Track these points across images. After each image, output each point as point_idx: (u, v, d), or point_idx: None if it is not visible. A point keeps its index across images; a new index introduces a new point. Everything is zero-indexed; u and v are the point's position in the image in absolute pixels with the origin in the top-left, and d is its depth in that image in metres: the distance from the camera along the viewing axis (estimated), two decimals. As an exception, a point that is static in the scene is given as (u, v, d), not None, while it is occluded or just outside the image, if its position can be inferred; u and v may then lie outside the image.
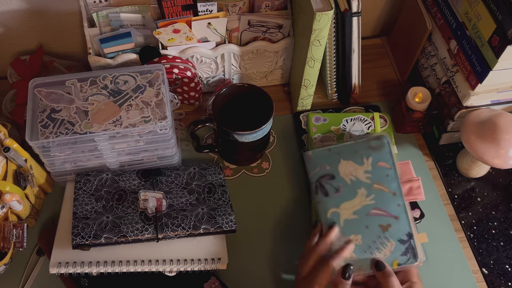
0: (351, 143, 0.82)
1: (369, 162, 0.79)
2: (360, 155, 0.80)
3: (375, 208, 0.75)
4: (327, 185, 0.79)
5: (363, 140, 0.82)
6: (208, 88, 1.01)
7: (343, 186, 0.78)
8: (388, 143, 0.80)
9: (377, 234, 0.74)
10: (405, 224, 0.74)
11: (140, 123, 0.77)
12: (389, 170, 0.78)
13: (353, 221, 0.75)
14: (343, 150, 0.81)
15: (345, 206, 0.76)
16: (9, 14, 0.93)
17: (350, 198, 0.77)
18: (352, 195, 0.77)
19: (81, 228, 0.74)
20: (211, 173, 0.87)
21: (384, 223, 0.74)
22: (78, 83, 0.81)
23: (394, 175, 0.77)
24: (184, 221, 0.77)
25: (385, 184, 0.77)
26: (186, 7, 0.85)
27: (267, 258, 0.83)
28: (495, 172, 0.94)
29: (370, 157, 0.79)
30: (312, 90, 0.93)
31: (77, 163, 0.82)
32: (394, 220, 0.74)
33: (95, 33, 0.89)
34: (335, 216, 0.76)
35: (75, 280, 0.76)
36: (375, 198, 0.76)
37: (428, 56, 0.98)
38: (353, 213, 0.76)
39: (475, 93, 0.85)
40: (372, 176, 0.78)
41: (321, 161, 0.81)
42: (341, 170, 0.79)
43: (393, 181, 0.77)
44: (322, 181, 0.79)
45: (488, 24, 0.78)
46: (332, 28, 0.88)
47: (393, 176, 0.77)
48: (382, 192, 0.76)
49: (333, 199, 0.78)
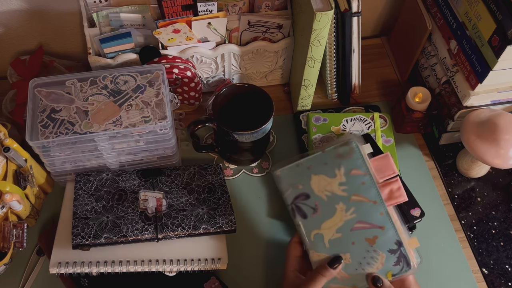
0: (319, 154, 0.75)
1: (341, 172, 0.73)
2: (330, 167, 0.74)
3: (358, 222, 0.70)
4: (303, 206, 0.73)
5: (330, 148, 0.75)
6: (208, 88, 1.01)
7: (320, 204, 0.73)
8: (357, 146, 0.74)
9: (365, 249, 0.69)
10: (392, 233, 0.70)
11: (140, 123, 0.77)
12: (364, 177, 0.72)
13: (338, 240, 0.70)
14: (312, 163, 0.75)
15: (326, 226, 0.71)
16: (9, 14, 0.93)
17: (329, 216, 0.72)
18: (331, 212, 0.72)
19: (81, 228, 0.74)
20: (211, 173, 0.87)
21: (370, 235, 0.70)
22: (78, 83, 0.81)
23: (370, 181, 0.72)
24: (184, 221, 0.77)
25: (362, 193, 0.71)
26: (186, 7, 0.85)
27: (267, 258, 0.83)
28: (495, 172, 0.94)
29: (341, 166, 0.73)
30: (312, 90, 0.93)
31: (77, 163, 0.82)
32: (379, 231, 0.70)
33: (95, 33, 0.89)
34: (319, 238, 0.71)
35: (75, 280, 0.76)
36: (355, 211, 0.71)
37: (428, 56, 0.98)
38: (336, 231, 0.71)
39: (475, 93, 0.85)
40: (348, 188, 0.72)
41: (292, 180, 0.75)
42: (315, 187, 0.73)
43: (371, 188, 0.72)
44: (297, 203, 0.74)
45: (488, 24, 0.78)
46: (332, 28, 0.88)
47: (369, 183, 0.72)
48: (362, 203, 0.71)
49: (312, 220, 0.72)
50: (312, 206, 0.73)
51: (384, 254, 0.69)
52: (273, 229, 0.86)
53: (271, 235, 0.86)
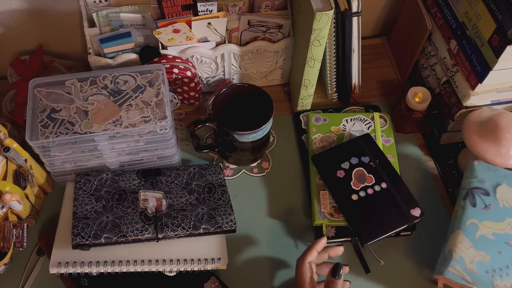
0: None
1: None
2: None
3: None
4: (478, 198, 0.79)
5: None
6: (208, 88, 1.01)
7: (494, 206, 0.78)
8: None
9: (506, 264, 0.73)
10: None
11: (140, 123, 0.77)
12: None
13: (488, 240, 0.75)
14: (510, 175, 0.80)
15: (487, 224, 0.76)
16: (9, 14, 0.93)
17: (496, 220, 0.77)
18: (500, 218, 0.77)
19: (81, 228, 0.74)
20: (211, 173, 0.87)
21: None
22: (78, 83, 0.81)
23: None
24: (184, 221, 0.77)
25: None
26: (186, 7, 0.85)
27: (267, 258, 0.83)
28: (495, 172, 0.94)
29: None
30: (312, 90, 0.93)
31: (77, 163, 0.82)
32: None
33: (95, 33, 0.89)
34: (473, 227, 0.76)
35: (75, 280, 0.76)
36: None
37: (428, 56, 0.98)
38: (492, 234, 0.76)
39: (475, 93, 0.85)
40: None
41: (483, 175, 0.81)
42: (499, 192, 0.79)
43: None
44: (475, 192, 0.79)
45: (488, 24, 0.78)
46: (332, 28, 0.88)
47: None
48: None
49: (478, 212, 0.77)
50: (486, 203, 0.78)
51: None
52: (273, 229, 0.86)
53: (271, 235, 0.86)
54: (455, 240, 0.76)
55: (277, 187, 0.91)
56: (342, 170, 0.86)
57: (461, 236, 0.76)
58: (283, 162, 0.94)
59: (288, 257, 0.83)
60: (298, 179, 0.92)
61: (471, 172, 0.82)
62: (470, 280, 0.73)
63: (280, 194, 0.90)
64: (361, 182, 0.85)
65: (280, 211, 0.88)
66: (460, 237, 0.76)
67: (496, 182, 0.80)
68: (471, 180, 0.81)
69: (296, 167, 0.93)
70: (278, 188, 0.91)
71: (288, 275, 0.82)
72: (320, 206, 0.84)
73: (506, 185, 0.79)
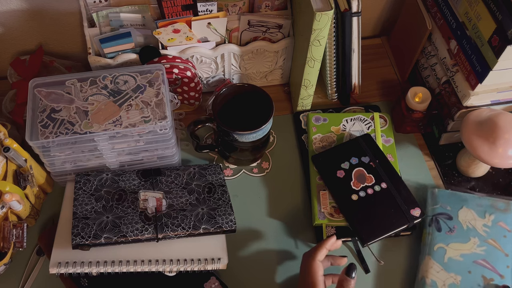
0: (476, 197, 0.85)
1: (490, 218, 0.82)
2: (483, 209, 0.83)
3: (483, 260, 0.78)
4: (442, 222, 0.82)
5: (490, 198, 0.84)
6: (208, 88, 1.01)
7: (458, 229, 0.81)
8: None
9: (477, 283, 0.76)
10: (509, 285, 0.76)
11: (140, 123, 0.77)
12: (508, 233, 0.80)
13: (457, 262, 0.78)
14: (468, 198, 0.84)
15: (454, 246, 0.79)
16: (9, 14, 0.93)
17: (461, 241, 0.80)
18: (465, 239, 0.80)
19: (81, 228, 0.74)
20: (211, 173, 0.87)
21: (487, 275, 0.77)
22: (78, 83, 0.81)
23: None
24: (184, 221, 0.77)
25: (500, 243, 0.79)
26: (186, 7, 0.85)
27: (267, 258, 0.83)
28: (495, 172, 0.94)
29: (492, 214, 0.82)
30: (312, 90, 0.93)
31: (77, 163, 0.82)
32: (499, 277, 0.76)
33: (95, 33, 0.89)
34: (441, 251, 0.79)
35: (75, 280, 0.76)
36: (486, 251, 0.79)
37: (428, 56, 0.98)
38: (460, 255, 0.78)
39: (475, 93, 0.85)
40: (489, 231, 0.80)
41: (444, 201, 0.84)
42: (461, 215, 0.82)
43: (510, 243, 0.79)
44: (438, 217, 0.83)
45: (488, 24, 0.78)
46: (332, 28, 0.88)
47: (510, 239, 0.79)
48: (495, 249, 0.79)
49: (444, 236, 0.81)
50: (450, 226, 0.81)
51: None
52: (273, 229, 0.86)
53: (271, 235, 0.86)
54: (426, 266, 0.79)
55: (277, 187, 0.91)
56: (342, 170, 0.86)
57: (431, 261, 0.79)
58: (283, 162, 0.94)
59: (288, 257, 0.83)
60: (298, 179, 0.92)
61: (433, 199, 0.85)
62: None
63: (280, 194, 0.90)
64: (361, 182, 0.85)
65: (280, 211, 0.88)
66: (431, 262, 0.79)
67: (457, 206, 0.84)
68: (434, 207, 0.84)
69: (296, 167, 0.93)
70: (278, 188, 0.91)
71: (288, 274, 0.82)
72: (320, 206, 0.84)
73: (465, 208, 0.83)
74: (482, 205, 0.83)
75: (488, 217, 0.82)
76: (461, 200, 0.84)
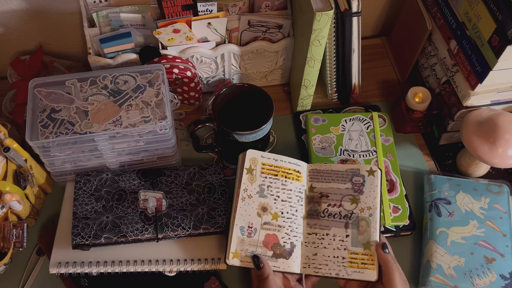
0: (472, 181, 0.87)
1: (486, 201, 0.85)
2: (479, 193, 0.85)
3: (483, 241, 0.80)
4: (442, 207, 0.84)
5: (484, 182, 0.87)
6: (208, 88, 1.01)
7: (457, 213, 0.83)
8: (508, 192, 0.85)
9: (480, 263, 0.79)
10: (510, 263, 0.78)
11: (140, 123, 0.77)
12: (504, 214, 0.83)
13: (459, 244, 0.80)
14: (463, 183, 0.87)
15: (455, 230, 0.82)
16: (9, 14, 0.93)
17: (461, 225, 0.82)
18: (464, 223, 0.82)
19: (81, 228, 0.74)
20: (211, 173, 0.87)
21: (489, 256, 0.79)
22: (78, 83, 0.81)
23: (508, 219, 0.82)
24: (184, 221, 0.77)
25: (497, 224, 0.82)
26: (186, 7, 0.85)
27: (267, 258, 0.83)
28: (495, 172, 0.94)
29: (488, 197, 0.85)
30: (312, 90, 0.93)
31: (77, 163, 0.82)
32: (499, 256, 0.79)
33: (95, 33, 0.89)
34: (443, 235, 0.81)
35: (75, 280, 0.76)
36: (485, 232, 0.81)
37: (428, 56, 0.98)
38: (461, 238, 0.81)
39: (475, 93, 0.85)
40: (486, 214, 0.83)
41: (441, 186, 0.87)
42: (458, 199, 0.85)
43: (506, 224, 0.82)
44: (437, 202, 0.85)
45: (488, 24, 0.78)
46: (332, 28, 0.88)
47: (506, 220, 0.82)
48: (493, 230, 0.81)
49: (445, 220, 0.83)
50: (449, 210, 0.84)
51: (496, 275, 0.77)
52: (273, 229, 0.86)
53: (271, 235, 0.86)
54: (430, 250, 0.81)
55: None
56: None
57: (435, 245, 0.81)
58: (283, 162, 0.94)
59: (288, 257, 0.83)
60: (298, 179, 0.92)
61: (430, 185, 0.87)
62: (452, 285, 0.77)
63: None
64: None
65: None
66: (434, 246, 0.81)
67: (454, 191, 0.86)
68: (432, 192, 0.86)
69: (296, 167, 0.93)
70: (278, 188, 0.91)
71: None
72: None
73: (462, 192, 0.85)
74: (477, 189, 0.86)
75: (484, 200, 0.84)
76: (456, 185, 0.86)
